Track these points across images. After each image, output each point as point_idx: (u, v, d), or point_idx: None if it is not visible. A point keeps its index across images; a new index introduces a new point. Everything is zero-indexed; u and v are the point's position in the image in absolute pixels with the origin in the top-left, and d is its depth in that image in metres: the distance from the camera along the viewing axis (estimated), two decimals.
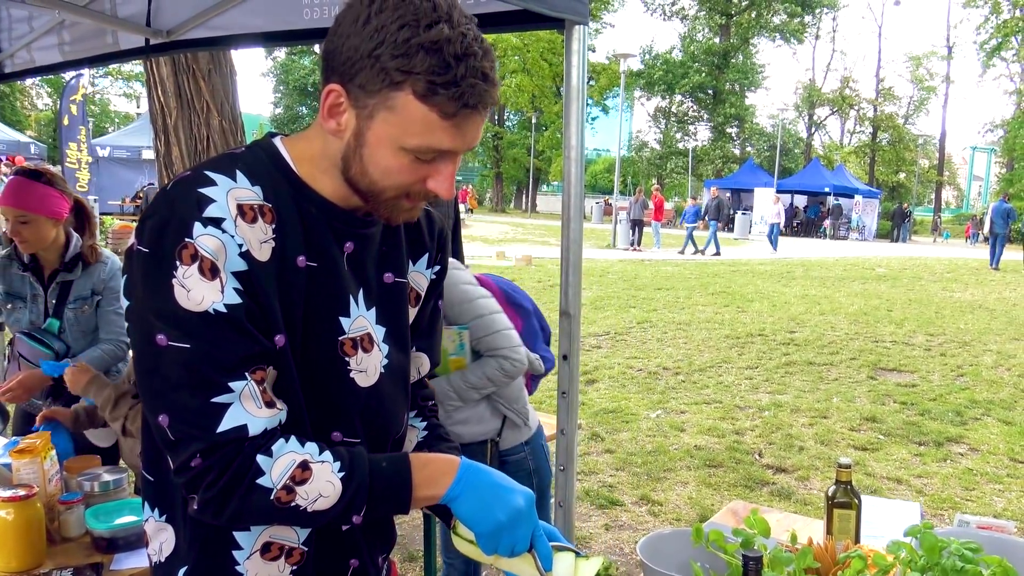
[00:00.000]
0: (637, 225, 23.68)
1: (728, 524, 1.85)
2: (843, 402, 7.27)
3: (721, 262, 20.39)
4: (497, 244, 22.17)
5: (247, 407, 1.09)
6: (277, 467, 1.10)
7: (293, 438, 1.14)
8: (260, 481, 1.09)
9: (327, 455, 1.14)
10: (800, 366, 8.66)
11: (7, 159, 17.45)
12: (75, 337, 2.95)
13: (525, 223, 36.44)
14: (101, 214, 16.70)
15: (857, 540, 1.92)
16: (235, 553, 1.21)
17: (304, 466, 1.11)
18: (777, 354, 9.20)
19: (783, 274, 17.72)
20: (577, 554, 1.29)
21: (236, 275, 1.10)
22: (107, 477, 2.34)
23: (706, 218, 23.22)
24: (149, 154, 14.18)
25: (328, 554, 1.28)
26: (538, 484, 2.75)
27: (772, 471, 5.57)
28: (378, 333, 1.28)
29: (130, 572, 2.08)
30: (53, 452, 2.36)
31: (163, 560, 1.26)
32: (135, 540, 2.15)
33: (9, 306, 2.95)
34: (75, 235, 2.95)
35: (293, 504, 1.10)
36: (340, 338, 1.22)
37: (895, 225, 35.65)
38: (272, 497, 1.09)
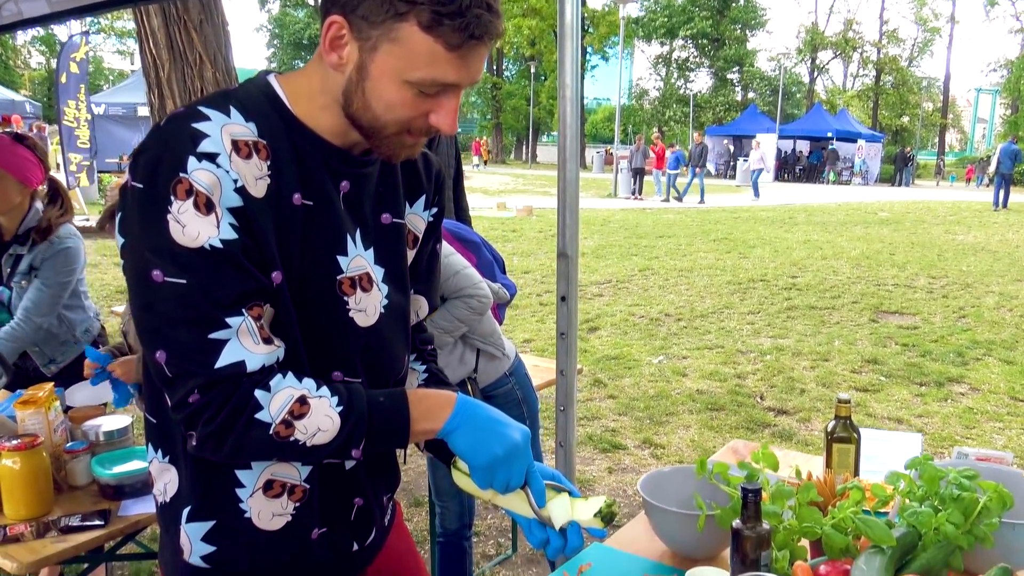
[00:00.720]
0: (638, 174, 23.53)
1: (729, 461, 1.86)
2: (844, 345, 7.29)
3: (723, 209, 20.29)
4: (497, 195, 22.07)
5: (245, 343, 1.08)
6: (275, 402, 1.10)
7: (291, 374, 1.14)
8: (259, 416, 1.09)
9: (324, 390, 1.14)
10: (802, 310, 8.67)
11: (3, 118, 17.30)
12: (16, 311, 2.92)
13: (526, 174, 36.22)
14: (99, 172, 16.61)
15: (856, 474, 1.93)
16: (238, 491, 1.22)
17: (302, 401, 1.11)
18: (779, 299, 9.21)
19: (785, 220, 17.65)
20: (572, 495, 1.30)
21: (231, 211, 1.09)
22: (112, 426, 2.36)
23: (688, 165, 22.86)
24: (145, 111, 14.04)
25: (331, 492, 1.28)
26: (528, 412, 2.80)
27: (773, 413, 5.61)
28: (377, 273, 1.28)
29: (137, 518, 2.10)
30: (57, 403, 2.38)
31: (168, 500, 1.27)
32: (141, 487, 2.18)
33: None
34: (36, 209, 2.88)
35: (292, 439, 1.11)
36: (338, 277, 1.21)
37: (898, 169, 35.37)
38: (271, 432, 1.10)
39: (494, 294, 2.77)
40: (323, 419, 1.12)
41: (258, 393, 1.09)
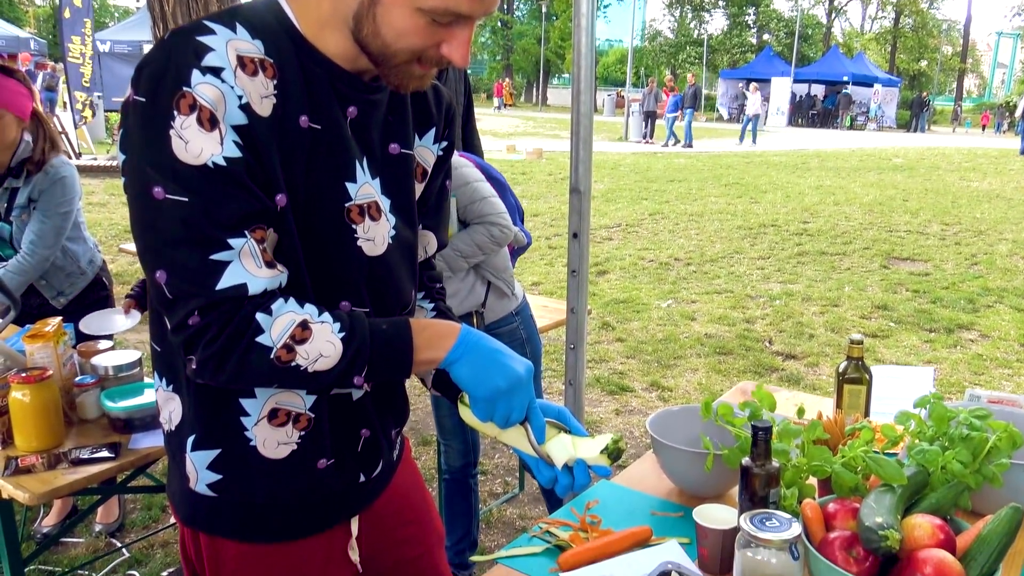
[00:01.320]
0: (650, 117, 23.23)
1: (736, 403, 1.85)
2: (855, 291, 7.26)
3: (734, 154, 20.06)
4: (507, 138, 21.85)
5: (247, 266, 1.06)
6: (277, 326, 1.08)
7: (292, 299, 1.11)
8: (260, 339, 1.07)
9: (327, 316, 1.12)
10: (812, 256, 8.61)
11: (9, 56, 17.09)
12: (20, 245, 2.90)
13: (536, 116, 35.81)
14: (105, 111, 16.45)
15: (867, 415, 1.92)
16: (243, 420, 1.21)
17: (304, 325, 1.09)
18: (790, 244, 9.15)
19: (797, 165, 17.45)
20: (577, 433, 1.28)
21: (236, 128, 1.05)
22: (121, 360, 2.36)
23: (683, 108, 22.29)
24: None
25: (338, 422, 1.27)
26: (532, 352, 2.78)
27: (782, 358, 5.61)
28: (384, 203, 1.25)
29: (148, 451, 2.12)
30: (66, 337, 2.38)
31: (173, 429, 1.26)
32: (151, 420, 2.19)
33: None
34: (27, 140, 2.84)
35: (294, 364, 1.09)
36: (347, 204, 1.18)
37: (914, 115, 34.81)
38: (272, 356, 1.08)
39: (514, 236, 2.75)
40: (325, 345, 1.10)
41: (259, 316, 1.07)
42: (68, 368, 2.34)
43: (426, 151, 1.37)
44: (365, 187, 1.21)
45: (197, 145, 1.03)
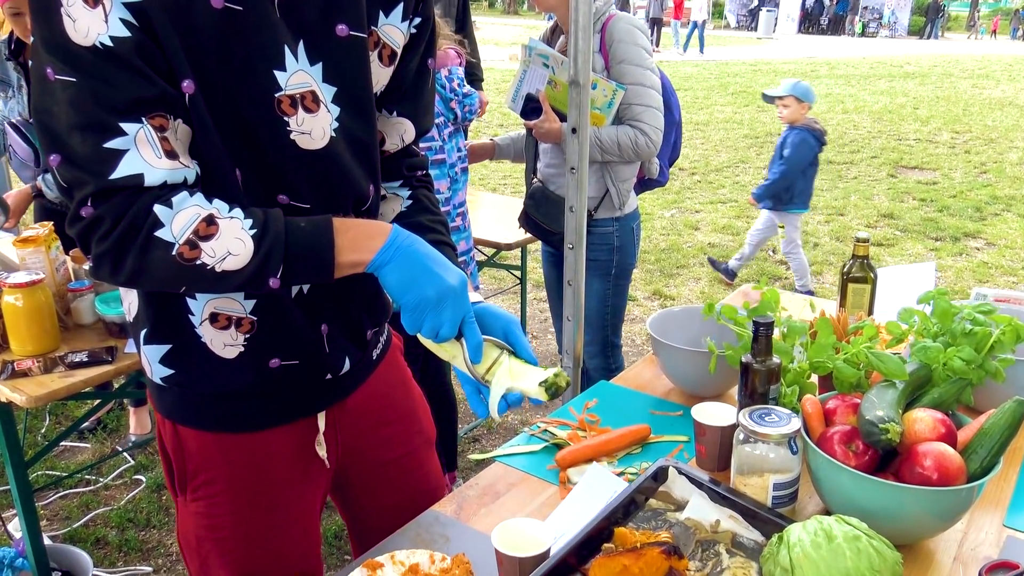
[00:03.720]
0: (655, 24, 22.57)
1: (738, 305, 1.82)
2: (861, 200, 7.17)
3: (743, 62, 19.58)
4: (509, 47, 21.33)
5: (144, 154, 0.99)
6: (179, 220, 1.00)
7: (199, 194, 1.04)
8: (159, 234, 0.99)
9: (237, 211, 1.04)
10: (820, 165, 8.45)
11: None
12: None
13: (540, 24, 34.88)
14: None
15: (871, 314, 1.89)
16: (191, 317, 1.17)
17: (210, 220, 1.01)
18: None
19: (807, 73, 17.06)
20: (521, 356, 1.16)
21: (128, 6, 0.97)
22: None
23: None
24: None
25: (286, 321, 1.21)
26: (619, 262, 2.76)
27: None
28: (325, 93, 1.14)
29: None
30: (58, 242, 2.34)
31: (131, 320, 1.24)
32: None
33: (2, 94, 2.85)
34: None
35: (199, 262, 1.01)
36: (276, 95, 1.08)
37: (929, 21, 33.83)
38: (174, 252, 1.00)
39: (656, 164, 2.73)
40: (233, 242, 1.02)
41: (158, 208, 0.99)
42: (61, 273, 2.32)
43: (393, 30, 1.23)
44: (299, 75, 1.10)
45: (84, 24, 0.95)
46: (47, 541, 2.53)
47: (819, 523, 1.11)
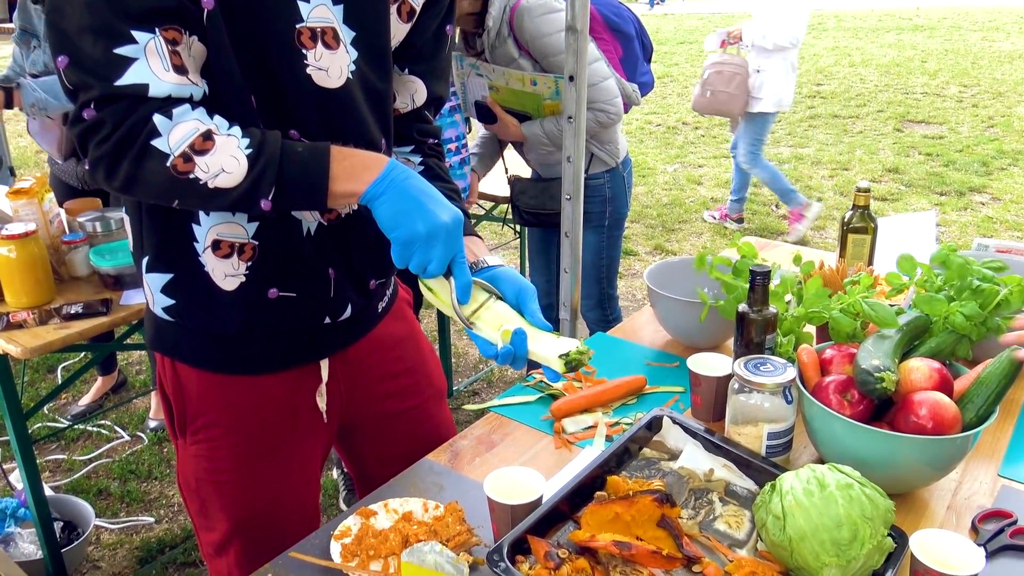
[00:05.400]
0: None
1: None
2: (866, 154, 7.10)
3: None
4: None
5: (153, 66, 0.98)
6: (177, 132, 0.99)
7: (202, 108, 1.03)
8: (155, 143, 0.99)
9: (236, 130, 1.03)
10: (824, 119, 8.39)
11: None
12: None
13: None
14: None
15: (870, 265, 1.87)
16: (194, 245, 1.17)
17: (207, 136, 1.01)
18: (801, 107, 8.90)
19: (814, 26, 16.78)
20: (537, 325, 1.11)
21: None
22: (109, 216, 2.31)
23: None
24: None
25: (290, 254, 1.20)
26: (612, 213, 2.74)
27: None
28: (345, 35, 1.13)
29: (139, 307, 2.09)
30: (51, 194, 2.32)
31: (133, 249, 1.24)
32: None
33: (25, 46, 2.77)
34: None
35: (192, 176, 1.01)
36: (297, 25, 1.08)
37: None
38: (168, 164, 1.00)
39: (627, 96, 2.66)
40: (228, 159, 1.01)
41: (157, 118, 0.99)
42: (55, 225, 2.30)
43: None
44: (320, 9, 1.09)
45: None
46: (49, 492, 2.55)
47: (812, 471, 1.10)
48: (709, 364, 1.48)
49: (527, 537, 1.09)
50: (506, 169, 2.95)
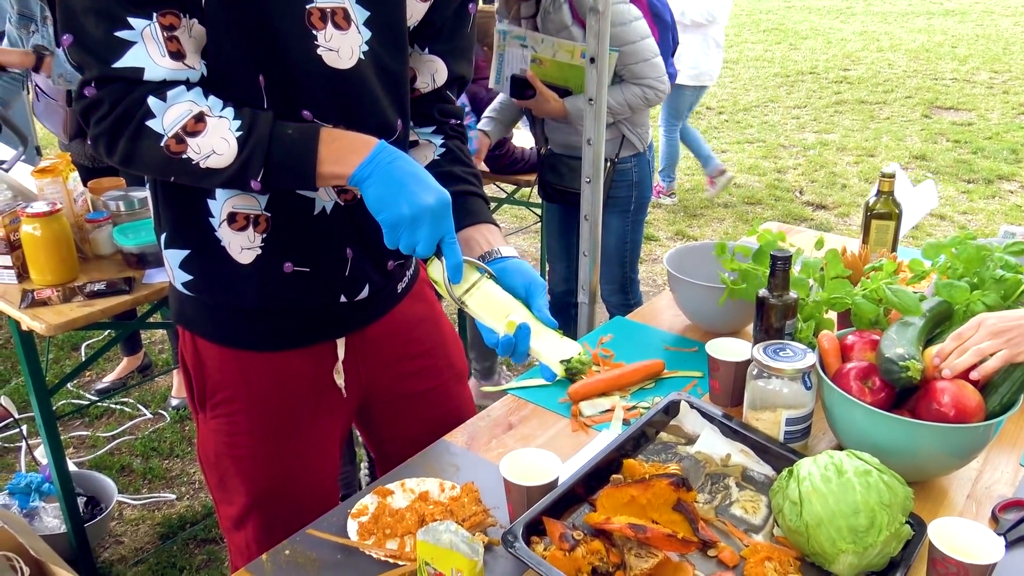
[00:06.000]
0: None
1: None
2: (893, 141, 7.00)
3: None
4: None
5: (150, 51, 1.01)
6: (170, 114, 1.03)
7: (197, 89, 1.05)
8: (150, 124, 1.03)
9: (228, 111, 1.05)
10: (851, 105, 8.28)
11: None
12: None
13: None
14: None
15: (894, 251, 1.85)
16: (211, 220, 1.19)
17: (200, 118, 1.04)
18: (828, 93, 8.79)
19: (842, 10, 16.55)
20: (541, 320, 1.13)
21: None
22: (132, 195, 2.32)
23: None
24: None
25: (305, 230, 1.21)
26: (637, 197, 2.75)
27: (812, 208, 5.49)
28: (358, 15, 1.12)
29: (162, 285, 2.11)
30: (75, 173, 2.34)
31: (154, 225, 1.28)
32: None
33: (25, 30, 2.80)
34: None
35: (184, 156, 1.04)
36: (308, 6, 1.08)
37: None
38: (162, 144, 1.03)
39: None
40: (218, 141, 1.04)
41: (152, 100, 1.02)
42: (80, 204, 2.32)
43: None
44: None
45: None
46: (72, 467, 2.59)
47: (830, 457, 1.09)
48: (728, 349, 1.47)
49: (542, 518, 1.09)
50: (539, 146, 2.90)
